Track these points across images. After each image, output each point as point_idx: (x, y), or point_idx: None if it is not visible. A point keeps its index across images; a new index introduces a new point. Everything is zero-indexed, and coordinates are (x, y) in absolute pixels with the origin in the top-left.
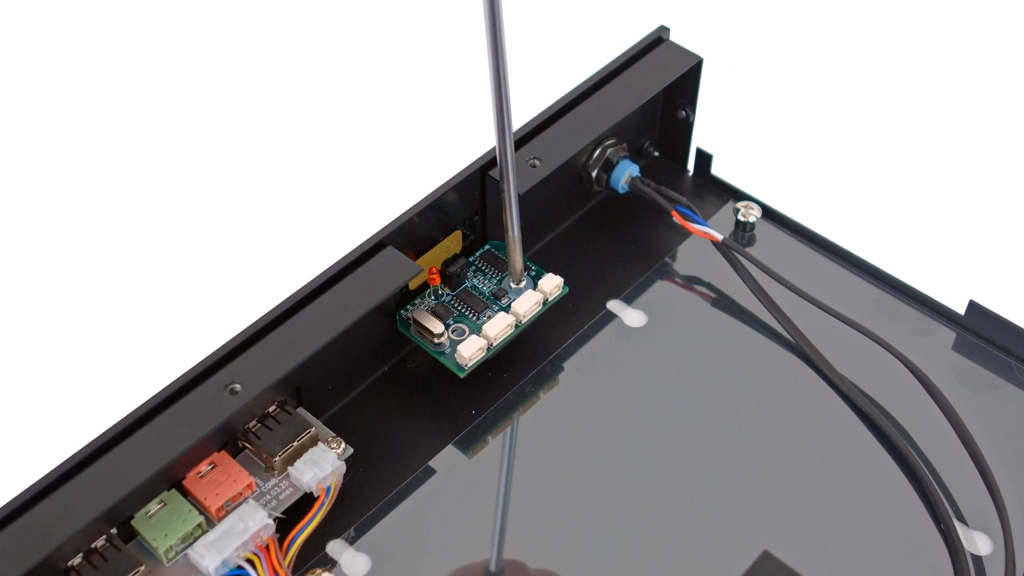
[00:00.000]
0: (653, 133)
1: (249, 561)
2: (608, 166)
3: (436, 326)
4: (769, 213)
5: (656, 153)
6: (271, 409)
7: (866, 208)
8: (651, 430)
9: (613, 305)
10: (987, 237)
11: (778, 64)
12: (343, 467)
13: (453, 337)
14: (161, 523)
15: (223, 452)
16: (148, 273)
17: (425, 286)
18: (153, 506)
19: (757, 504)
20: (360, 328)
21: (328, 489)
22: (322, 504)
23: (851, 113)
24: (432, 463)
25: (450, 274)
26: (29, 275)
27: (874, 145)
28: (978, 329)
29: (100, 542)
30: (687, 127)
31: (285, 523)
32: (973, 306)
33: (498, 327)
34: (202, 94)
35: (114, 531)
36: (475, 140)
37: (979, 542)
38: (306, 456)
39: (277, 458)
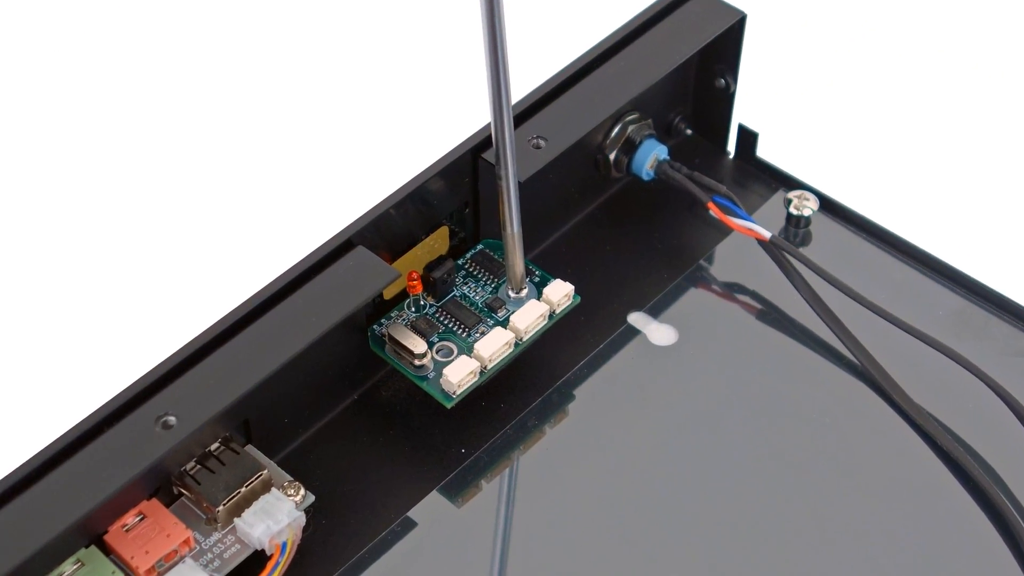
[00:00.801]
0: (685, 106)
1: None
2: (629, 147)
3: (417, 345)
4: (828, 205)
5: (689, 131)
6: (214, 447)
7: (949, 201)
8: (683, 475)
9: (636, 319)
10: None
11: (841, 22)
12: (303, 518)
13: (438, 358)
14: None
15: (154, 500)
16: (62, 277)
17: (404, 295)
18: (68, 567)
19: (815, 565)
20: (323, 347)
21: (284, 546)
22: (276, 564)
23: (934, 87)
24: (412, 513)
25: (434, 280)
26: None
27: (961, 127)
28: None
29: None
30: (727, 99)
31: None
32: None
33: (494, 346)
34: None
35: None
36: (465, 115)
37: None
38: (257, 505)
39: (221, 507)
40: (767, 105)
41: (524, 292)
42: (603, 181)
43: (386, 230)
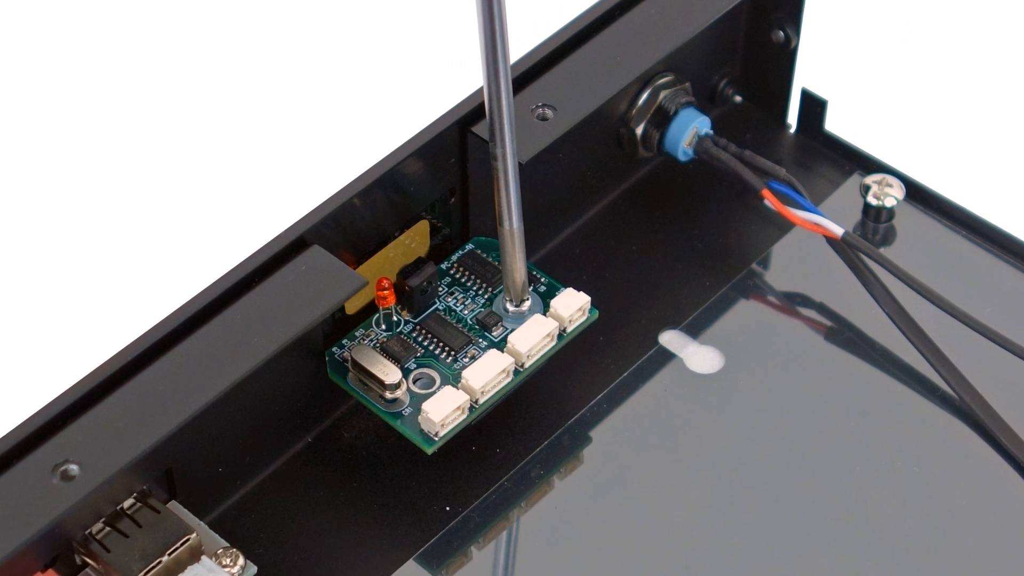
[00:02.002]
0: (733, 66)
1: None
2: (661, 118)
3: (389, 372)
4: (916, 192)
5: (738, 98)
6: (127, 504)
7: None
8: (729, 541)
9: (669, 339)
10: None
11: None
12: None
13: (416, 390)
14: None
15: (50, 572)
16: None
17: (372, 309)
18: None
19: None
20: (268, 375)
21: None
22: None
23: None
24: None
25: (411, 289)
26: None
27: None
28: None
29: None
30: (787, 57)
31: None
32: None
33: (487, 374)
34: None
35: None
36: (449, 77)
37: None
38: None
39: None
40: (838, 65)
41: (526, 305)
42: (628, 162)
43: (349, 225)
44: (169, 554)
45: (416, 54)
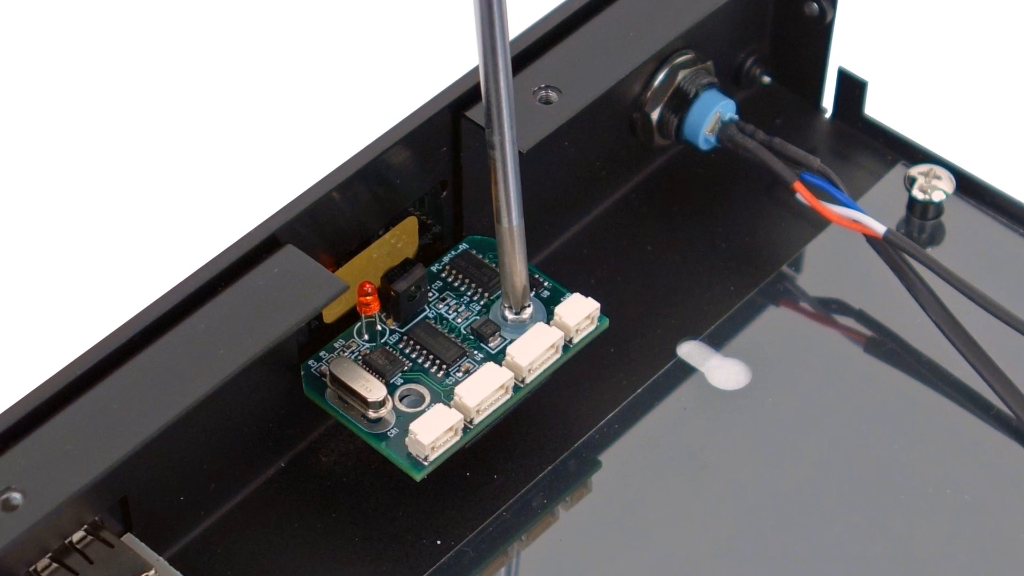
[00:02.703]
0: (761, 43)
1: None
2: (680, 102)
3: (372, 389)
4: (968, 185)
5: (767, 79)
6: (77, 537)
7: None
8: (755, 574)
9: (689, 351)
10: None
11: None
12: None
13: (403, 408)
14: None
15: None
16: None
17: (354, 317)
18: None
19: None
20: (236, 392)
21: None
22: None
23: None
24: None
25: (397, 295)
26: None
27: None
28: None
29: None
30: (822, 32)
31: None
32: None
33: (483, 391)
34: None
35: None
36: (441, 57)
37: None
38: None
39: None
40: (879, 42)
41: (528, 312)
42: (642, 152)
43: (327, 223)
44: None
45: (403, 31)
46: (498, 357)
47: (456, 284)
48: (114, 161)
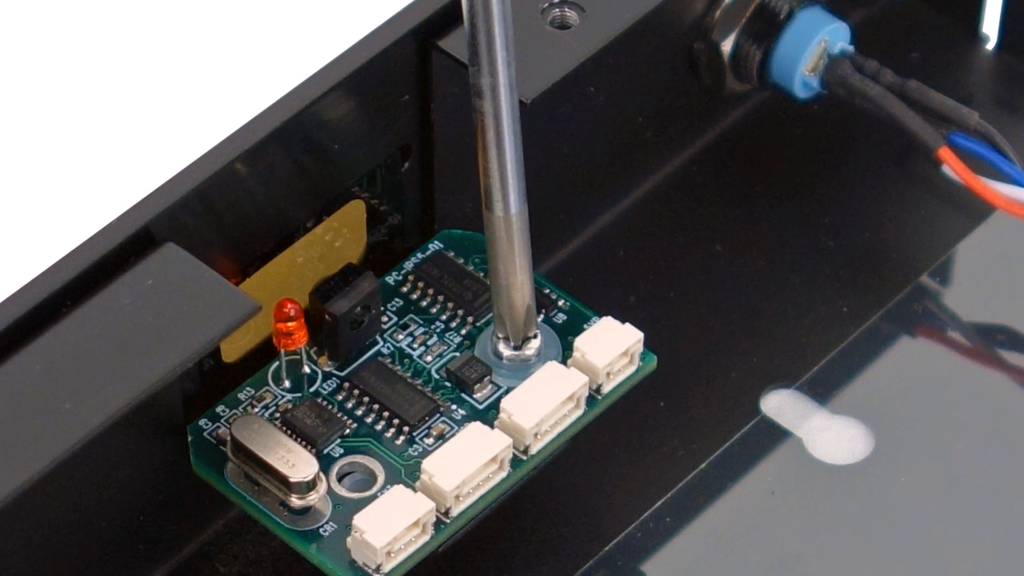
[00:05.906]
0: None
1: None
2: (766, 26)
3: (296, 463)
4: None
5: None
6: None
7: None
8: None
9: (779, 405)
10: None
11: None
12: None
13: (344, 492)
14: None
15: None
16: None
17: (269, 352)
18: None
19: None
20: (90, 468)
21: None
22: None
23: None
24: None
25: (335, 319)
26: None
27: None
28: None
29: None
30: None
31: None
32: None
33: (466, 466)
34: None
35: None
36: None
37: None
38: None
39: None
40: None
41: (534, 347)
42: (708, 102)
43: (227, 209)
44: None
45: None
46: (488, 414)
47: (425, 303)
48: None
